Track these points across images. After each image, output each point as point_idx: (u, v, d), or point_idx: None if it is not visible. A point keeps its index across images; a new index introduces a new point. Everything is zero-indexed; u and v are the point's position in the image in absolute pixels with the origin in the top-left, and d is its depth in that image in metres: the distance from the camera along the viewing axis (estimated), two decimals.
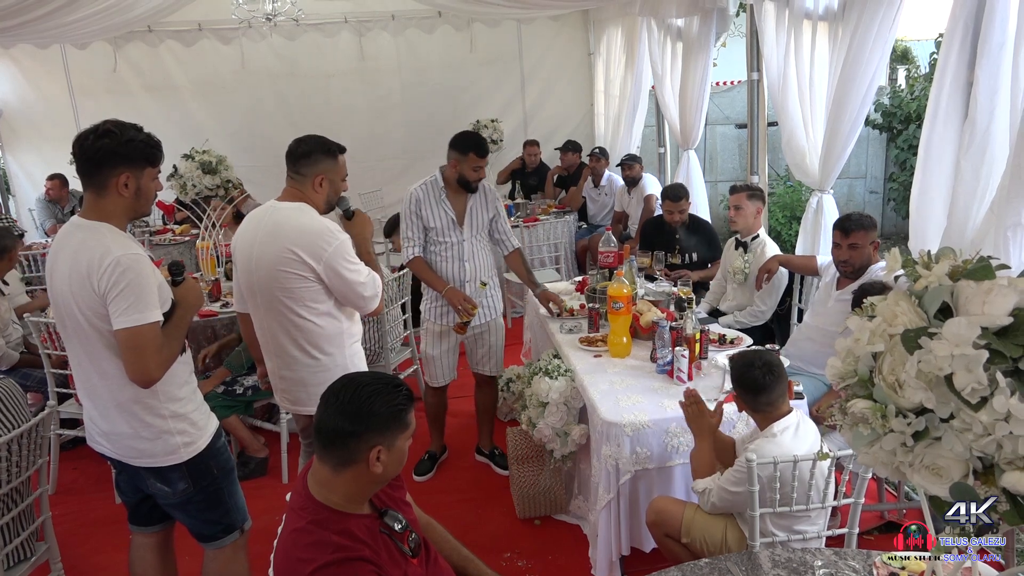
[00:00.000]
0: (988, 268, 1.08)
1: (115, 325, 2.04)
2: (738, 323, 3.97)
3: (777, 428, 2.32)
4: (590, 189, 7.03)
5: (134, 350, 2.05)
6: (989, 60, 2.69)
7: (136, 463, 2.26)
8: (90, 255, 2.05)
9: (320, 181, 2.63)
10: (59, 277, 2.14)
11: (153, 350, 2.06)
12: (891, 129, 8.45)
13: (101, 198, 2.12)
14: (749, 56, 4.78)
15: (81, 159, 2.11)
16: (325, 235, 2.55)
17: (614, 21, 7.28)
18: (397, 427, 1.68)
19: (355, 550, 1.61)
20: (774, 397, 2.34)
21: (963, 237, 2.85)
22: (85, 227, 2.13)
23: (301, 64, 7.92)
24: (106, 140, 2.07)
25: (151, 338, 2.06)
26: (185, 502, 2.31)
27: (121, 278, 2.02)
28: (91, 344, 2.14)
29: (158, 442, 2.22)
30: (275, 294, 2.60)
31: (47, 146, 7.56)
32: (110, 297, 2.04)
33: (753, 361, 2.36)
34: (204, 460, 2.29)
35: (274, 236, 2.58)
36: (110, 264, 2.02)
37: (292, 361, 2.71)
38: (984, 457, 1.07)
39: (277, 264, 2.56)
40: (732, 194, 4.15)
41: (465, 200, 3.54)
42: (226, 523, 2.40)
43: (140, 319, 2.04)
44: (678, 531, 2.46)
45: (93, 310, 2.08)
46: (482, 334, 3.70)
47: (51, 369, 3.77)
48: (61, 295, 2.14)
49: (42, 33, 5.56)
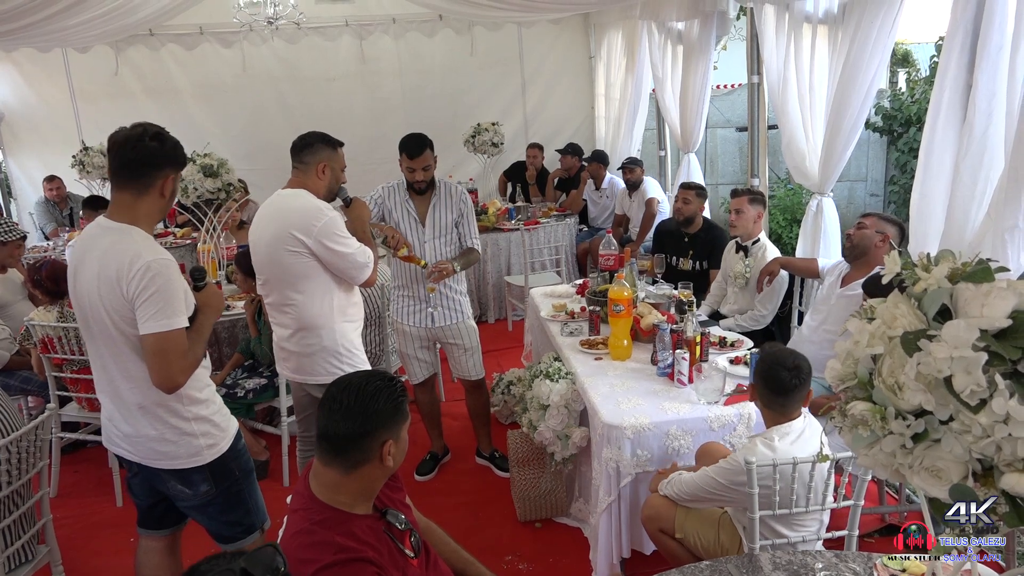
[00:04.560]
0: (987, 270, 1.09)
1: (142, 330, 2.06)
2: (739, 327, 3.97)
3: (777, 434, 2.28)
4: (591, 192, 7.03)
5: (160, 355, 2.06)
6: (988, 63, 2.69)
7: (158, 465, 2.25)
8: (120, 259, 2.06)
9: (323, 168, 2.84)
10: (85, 279, 2.13)
11: (178, 356, 2.08)
12: (891, 132, 8.45)
13: (139, 200, 2.13)
14: (749, 59, 4.79)
15: (130, 160, 2.10)
16: (315, 212, 2.76)
17: (615, 25, 7.29)
18: (401, 418, 1.73)
19: (358, 551, 1.61)
20: (792, 401, 2.30)
21: (961, 240, 2.85)
22: (115, 230, 2.12)
23: (302, 68, 7.93)
24: (156, 143, 2.10)
25: (177, 344, 2.08)
26: (206, 504, 2.31)
27: (151, 283, 2.04)
28: (117, 347, 2.14)
29: (182, 444, 2.22)
30: (274, 271, 2.84)
31: (48, 150, 7.56)
32: (139, 302, 2.05)
33: (784, 361, 2.30)
34: (226, 462, 2.30)
35: (272, 219, 2.83)
36: (140, 269, 2.03)
37: (289, 334, 2.91)
38: (983, 459, 1.07)
39: (274, 241, 2.79)
40: (733, 197, 4.15)
41: (428, 200, 3.56)
42: (247, 524, 2.40)
43: (167, 325, 2.05)
44: (672, 527, 2.47)
45: (120, 314, 2.09)
46: (454, 340, 3.70)
47: (51, 372, 3.77)
48: (87, 296, 2.14)
49: (44, 37, 5.57)
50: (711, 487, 2.30)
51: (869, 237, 3.31)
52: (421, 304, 3.63)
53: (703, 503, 2.42)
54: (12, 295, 4.55)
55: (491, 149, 7.52)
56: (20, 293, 4.55)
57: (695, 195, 4.58)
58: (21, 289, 4.54)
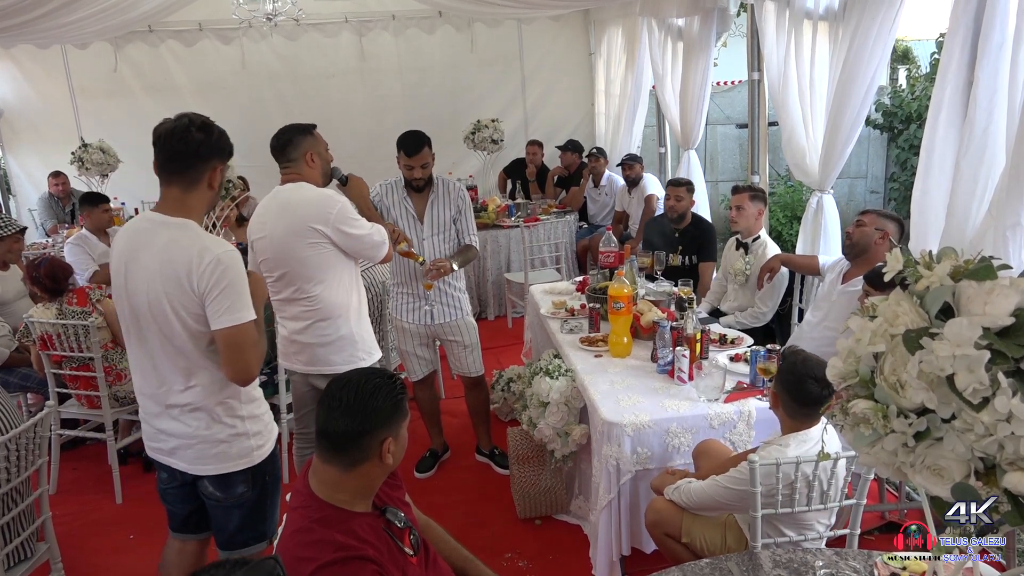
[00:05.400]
0: (990, 268, 1.08)
1: (216, 325, 2.02)
2: (739, 324, 3.96)
3: (794, 441, 2.25)
4: (590, 189, 7.03)
5: (236, 348, 2.04)
6: (989, 60, 2.69)
7: (207, 471, 2.19)
8: (187, 254, 2.01)
9: (311, 157, 2.83)
10: (142, 276, 2.07)
11: (252, 347, 2.07)
12: (892, 129, 8.45)
13: (189, 193, 2.08)
14: (750, 56, 4.78)
15: (178, 152, 2.05)
16: (327, 201, 2.76)
17: (615, 21, 7.28)
18: (400, 416, 1.72)
19: (358, 549, 1.61)
20: (815, 412, 2.25)
21: (962, 237, 2.84)
22: (172, 224, 2.07)
23: (302, 64, 7.91)
24: (202, 134, 2.06)
25: (250, 335, 2.06)
26: (236, 506, 2.24)
27: (222, 277, 2.01)
28: (177, 344, 2.08)
29: (235, 444, 2.18)
30: (292, 266, 2.79)
31: (47, 146, 7.53)
32: (211, 297, 2.01)
33: (813, 371, 2.20)
34: (266, 465, 2.26)
35: (281, 215, 2.79)
36: (211, 263, 2.00)
37: (304, 326, 2.88)
38: (986, 458, 1.06)
39: (290, 236, 2.75)
40: (734, 194, 4.15)
41: (426, 197, 3.55)
42: (261, 530, 2.33)
43: (241, 318, 2.03)
44: (678, 531, 2.45)
45: (188, 310, 2.04)
46: (453, 338, 3.70)
47: (51, 369, 3.76)
48: (145, 294, 2.07)
49: (42, 33, 5.55)
50: (722, 497, 2.27)
51: (868, 235, 3.30)
52: (420, 301, 3.63)
53: (713, 512, 2.40)
54: (12, 292, 4.54)
55: (491, 146, 7.52)
56: (20, 290, 4.54)
57: (686, 191, 4.61)
58: (21, 286, 4.53)
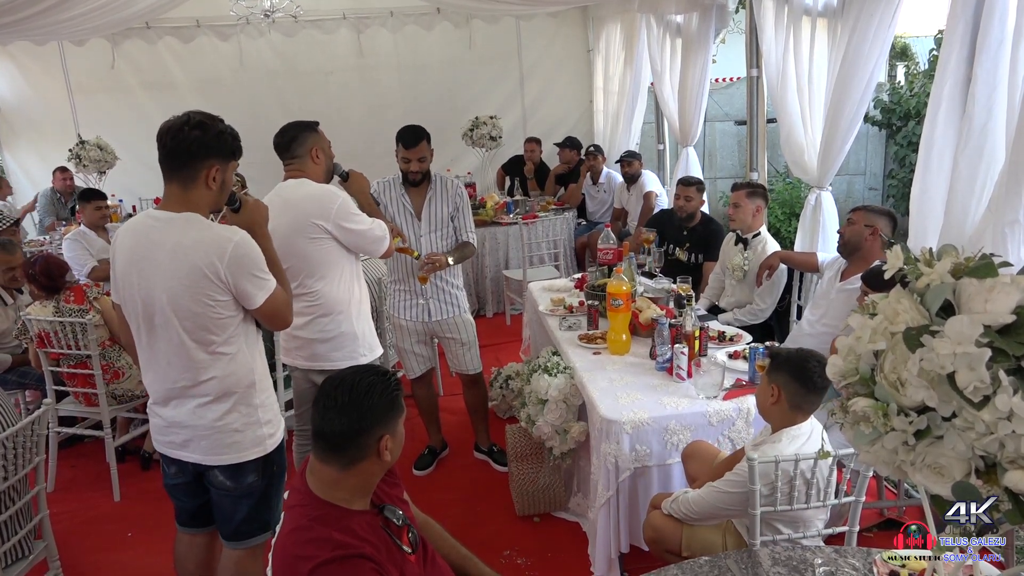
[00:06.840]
0: (990, 266, 1.08)
1: (254, 304, 2.14)
2: (737, 321, 3.96)
3: (787, 437, 2.25)
4: (589, 186, 7.02)
5: (275, 313, 2.21)
6: (988, 57, 2.68)
7: (220, 462, 2.21)
8: (207, 249, 2.05)
9: (315, 153, 2.89)
10: (156, 274, 2.08)
11: (286, 306, 2.24)
12: (890, 126, 8.44)
13: (188, 191, 2.11)
14: (748, 53, 4.77)
15: (172, 150, 2.08)
16: (328, 197, 2.83)
17: (613, 18, 7.27)
18: (396, 413, 1.72)
19: (356, 547, 1.61)
20: (810, 403, 2.25)
21: (961, 234, 2.84)
22: (181, 220, 2.09)
23: (300, 61, 7.89)
24: (198, 132, 2.08)
25: (282, 298, 2.21)
26: (246, 495, 2.26)
27: (247, 260, 2.10)
28: (199, 337, 2.11)
29: (248, 433, 2.21)
30: (294, 262, 2.79)
31: (45, 143, 7.53)
32: (241, 281, 2.10)
33: (814, 354, 2.27)
34: (275, 455, 2.29)
35: (283, 211, 2.77)
36: (232, 250, 2.06)
37: (305, 322, 2.90)
38: (986, 456, 1.06)
39: (292, 232, 2.78)
40: (733, 191, 4.14)
41: (424, 193, 3.55)
42: (266, 519, 2.35)
43: (270, 288, 2.16)
44: (678, 546, 2.41)
45: (215, 299, 2.09)
46: (451, 335, 3.69)
47: (48, 366, 3.76)
48: (161, 291, 2.08)
49: (39, 30, 5.53)
50: (723, 502, 2.26)
51: (858, 232, 3.32)
52: (416, 297, 3.62)
53: (715, 520, 2.38)
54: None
55: (489, 143, 7.51)
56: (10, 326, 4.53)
57: (696, 191, 4.58)
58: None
